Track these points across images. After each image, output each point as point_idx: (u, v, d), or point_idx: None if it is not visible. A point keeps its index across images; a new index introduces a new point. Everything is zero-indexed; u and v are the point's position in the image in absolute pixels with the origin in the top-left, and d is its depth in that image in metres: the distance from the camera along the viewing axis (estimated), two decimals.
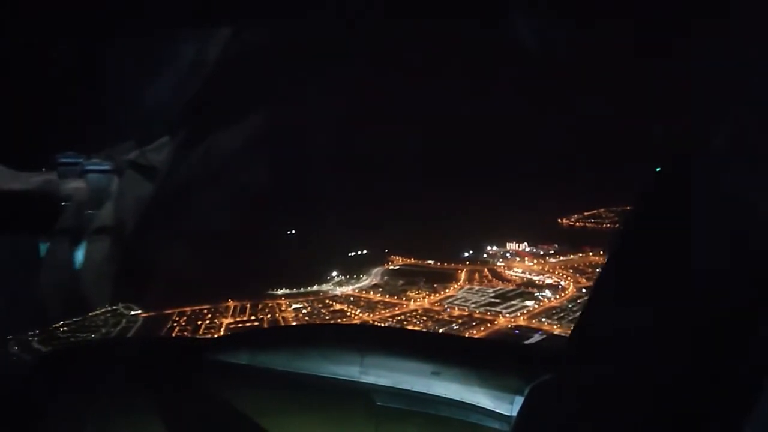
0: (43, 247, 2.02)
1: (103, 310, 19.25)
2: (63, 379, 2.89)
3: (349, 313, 19.80)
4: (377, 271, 24.51)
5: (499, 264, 24.17)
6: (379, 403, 2.68)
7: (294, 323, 19.15)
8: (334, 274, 24.12)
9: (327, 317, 19.51)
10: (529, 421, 2.00)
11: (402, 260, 25.70)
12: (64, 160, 2.06)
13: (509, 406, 2.42)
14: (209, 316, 19.33)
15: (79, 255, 2.02)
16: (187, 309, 19.68)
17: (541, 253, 24.52)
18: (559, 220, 27.16)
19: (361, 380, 2.76)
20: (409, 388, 2.67)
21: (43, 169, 2.03)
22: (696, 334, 1.45)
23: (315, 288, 22.57)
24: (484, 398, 2.50)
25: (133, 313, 19.25)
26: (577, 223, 26.54)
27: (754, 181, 1.63)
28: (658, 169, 2.03)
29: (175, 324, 18.36)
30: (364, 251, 26.55)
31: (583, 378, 1.80)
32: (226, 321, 18.91)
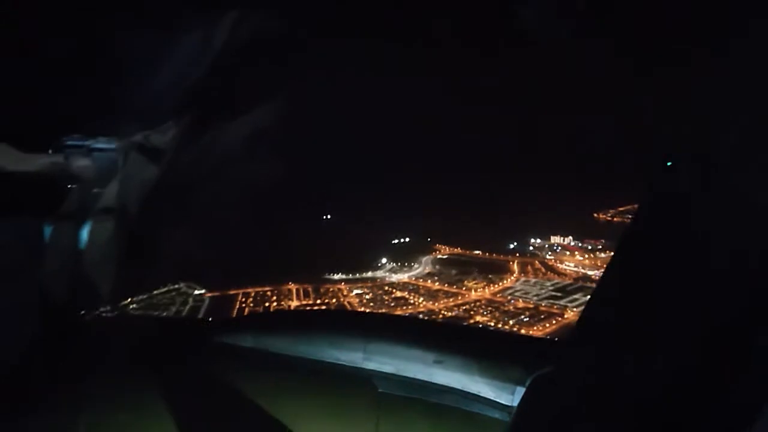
0: (48, 230, 1.99)
1: (165, 289, 19.18)
2: (63, 358, 2.86)
3: (411, 301, 19.81)
4: (426, 259, 24.52)
5: (548, 257, 24.24)
6: (381, 390, 2.72)
7: (360, 309, 19.14)
8: (384, 261, 24.14)
9: (391, 304, 19.50)
10: (530, 412, 2.01)
11: (448, 249, 25.72)
12: (71, 143, 2.05)
13: (510, 397, 2.44)
14: (274, 298, 19.23)
15: (84, 234, 2.02)
16: (251, 290, 19.59)
17: (589, 247, 24.62)
18: (595, 215, 27.28)
19: (364, 366, 2.79)
20: (411, 375, 2.70)
21: (50, 152, 2.00)
22: (698, 334, 1.46)
23: (370, 274, 22.56)
24: (485, 388, 2.52)
25: (197, 292, 19.17)
26: (615, 218, 26.64)
27: (761, 180, 1.61)
28: (669, 164, 2.04)
29: (243, 305, 18.24)
30: (407, 239, 26.60)
31: (584, 370, 1.82)
32: (293, 303, 18.86)
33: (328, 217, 28.53)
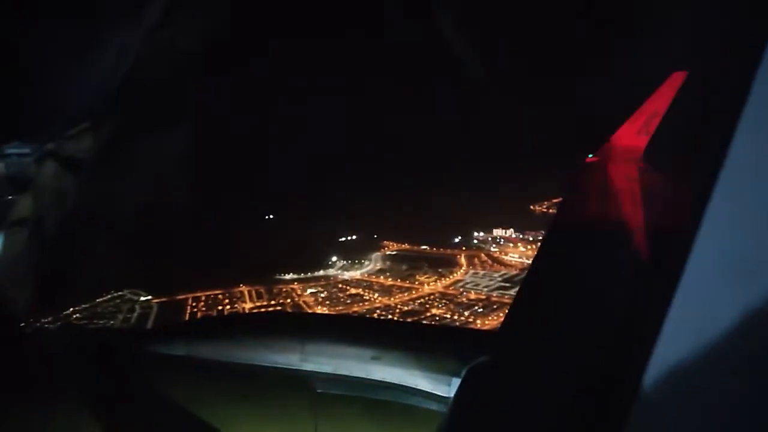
0: None
1: (108, 297, 18.17)
2: None
3: (366, 297, 19.87)
4: (376, 256, 24.66)
5: (493, 249, 25.03)
6: (319, 390, 2.73)
7: (316, 307, 18.98)
8: (335, 259, 24.04)
9: (347, 301, 19.47)
10: (466, 402, 2.07)
11: (396, 246, 25.97)
12: None
13: (447, 388, 2.47)
14: (226, 301, 18.68)
15: None
16: (201, 294, 18.91)
17: (531, 239, 25.65)
18: (532, 207, 28.47)
19: (301, 368, 2.78)
20: (348, 373, 2.70)
21: None
22: (607, 330, 1.60)
23: (322, 273, 22.39)
24: (422, 381, 2.56)
25: (143, 298, 18.28)
26: (550, 210, 27.87)
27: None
28: (590, 156, 2.15)
29: (194, 309, 17.59)
30: (354, 236, 26.63)
31: (517, 360, 1.91)
32: (246, 306, 18.39)
33: (270, 216, 28.02)
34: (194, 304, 17.89)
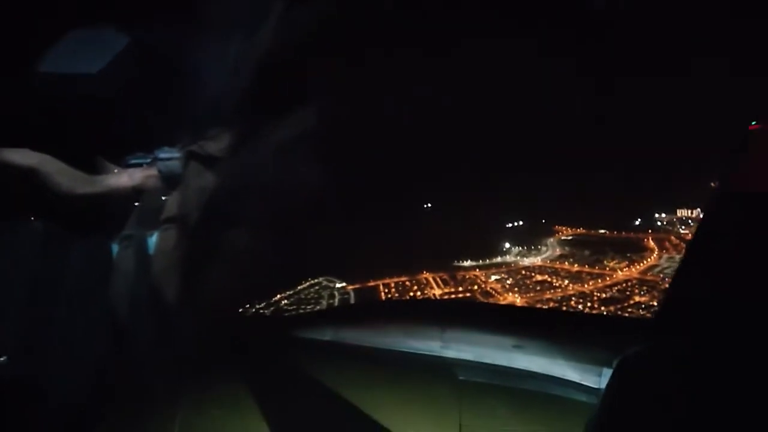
0: (115, 248, 1.96)
1: (308, 284, 19.32)
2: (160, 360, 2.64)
3: (557, 284, 19.05)
4: (552, 241, 23.65)
5: (683, 231, 22.91)
6: (461, 377, 2.73)
7: (508, 295, 18.61)
8: (508, 245, 23.47)
9: (536, 288, 18.86)
10: (620, 394, 1.98)
11: (571, 230, 24.73)
12: (134, 161, 2.06)
13: (597, 379, 2.41)
14: (415, 287, 19.01)
15: (151, 246, 1.98)
16: (389, 281, 19.42)
17: None
18: (712, 184, 25.60)
19: (442, 355, 2.81)
20: (491, 362, 2.70)
21: (115, 171, 2.01)
22: None
23: (499, 259, 21.94)
24: (569, 371, 2.50)
25: (338, 285, 19.23)
26: None
27: None
28: (753, 123, 1.92)
29: (388, 295, 18.12)
30: (521, 222, 25.81)
31: (678, 349, 1.82)
32: (436, 292, 18.58)
33: (429, 205, 28.16)
34: (386, 290, 18.38)
